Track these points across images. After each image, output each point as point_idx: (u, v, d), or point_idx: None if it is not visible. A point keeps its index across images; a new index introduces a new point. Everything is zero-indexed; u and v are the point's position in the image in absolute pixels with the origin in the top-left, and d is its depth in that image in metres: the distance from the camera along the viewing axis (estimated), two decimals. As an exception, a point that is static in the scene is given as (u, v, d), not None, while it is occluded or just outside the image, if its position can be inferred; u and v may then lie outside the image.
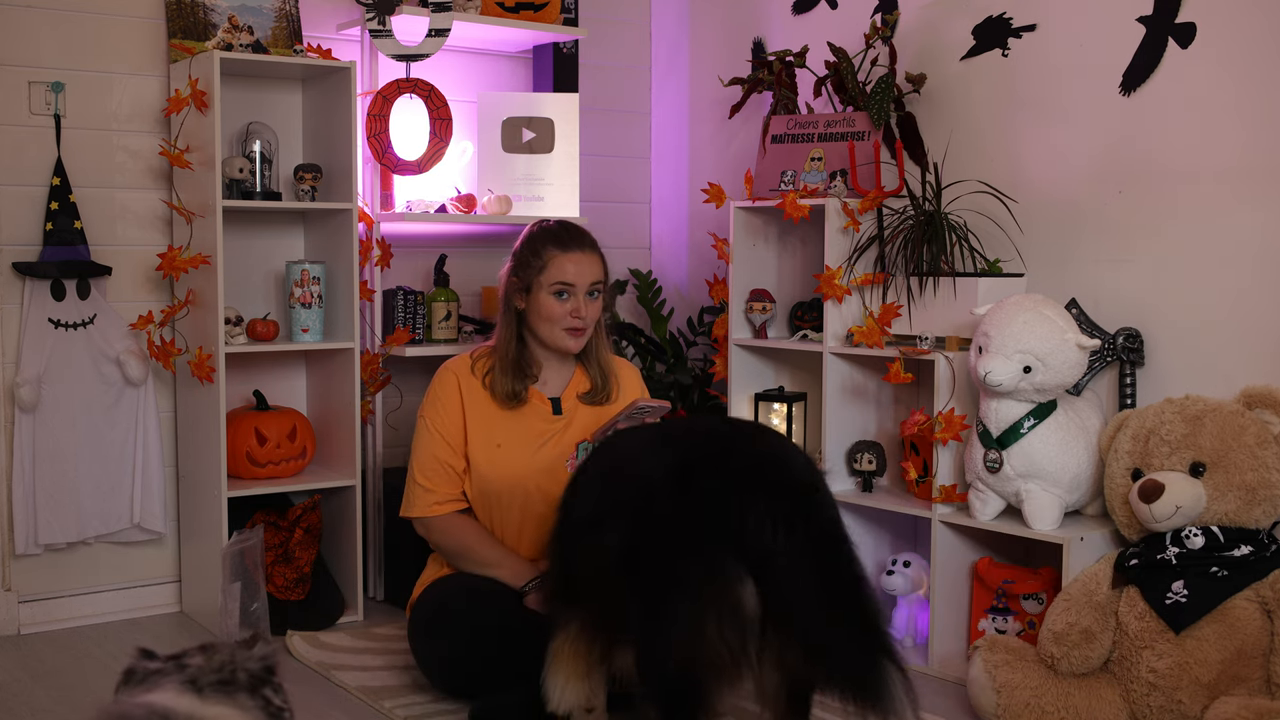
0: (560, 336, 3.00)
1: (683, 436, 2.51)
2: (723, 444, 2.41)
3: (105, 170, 3.58)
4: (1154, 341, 3.15)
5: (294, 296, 3.59)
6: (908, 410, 3.48)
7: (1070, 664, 2.76)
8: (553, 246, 3.00)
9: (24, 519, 3.47)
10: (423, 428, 3.04)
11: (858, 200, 3.40)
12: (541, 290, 2.98)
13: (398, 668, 3.17)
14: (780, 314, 3.76)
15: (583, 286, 2.98)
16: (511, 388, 3.01)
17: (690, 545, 2.25)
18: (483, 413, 3.03)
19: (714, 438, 2.46)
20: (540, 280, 2.98)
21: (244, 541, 3.00)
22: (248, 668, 1.78)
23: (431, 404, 3.05)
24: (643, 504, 2.35)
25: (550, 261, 2.98)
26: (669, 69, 4.53)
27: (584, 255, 3.00)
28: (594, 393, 3.09)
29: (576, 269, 2.98)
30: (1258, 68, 2.94)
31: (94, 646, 3.39)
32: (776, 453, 2.41)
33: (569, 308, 2.98)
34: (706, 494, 2.29)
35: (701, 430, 2.55)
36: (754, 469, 2.33)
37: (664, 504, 2.31)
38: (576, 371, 3.11)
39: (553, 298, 2.98)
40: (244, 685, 1.77)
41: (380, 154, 3.75)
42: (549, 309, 2.98)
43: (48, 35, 3.49)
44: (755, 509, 2.24)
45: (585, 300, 2.99)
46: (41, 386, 3.47)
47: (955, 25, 3.55)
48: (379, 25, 3.71)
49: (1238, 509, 2.78)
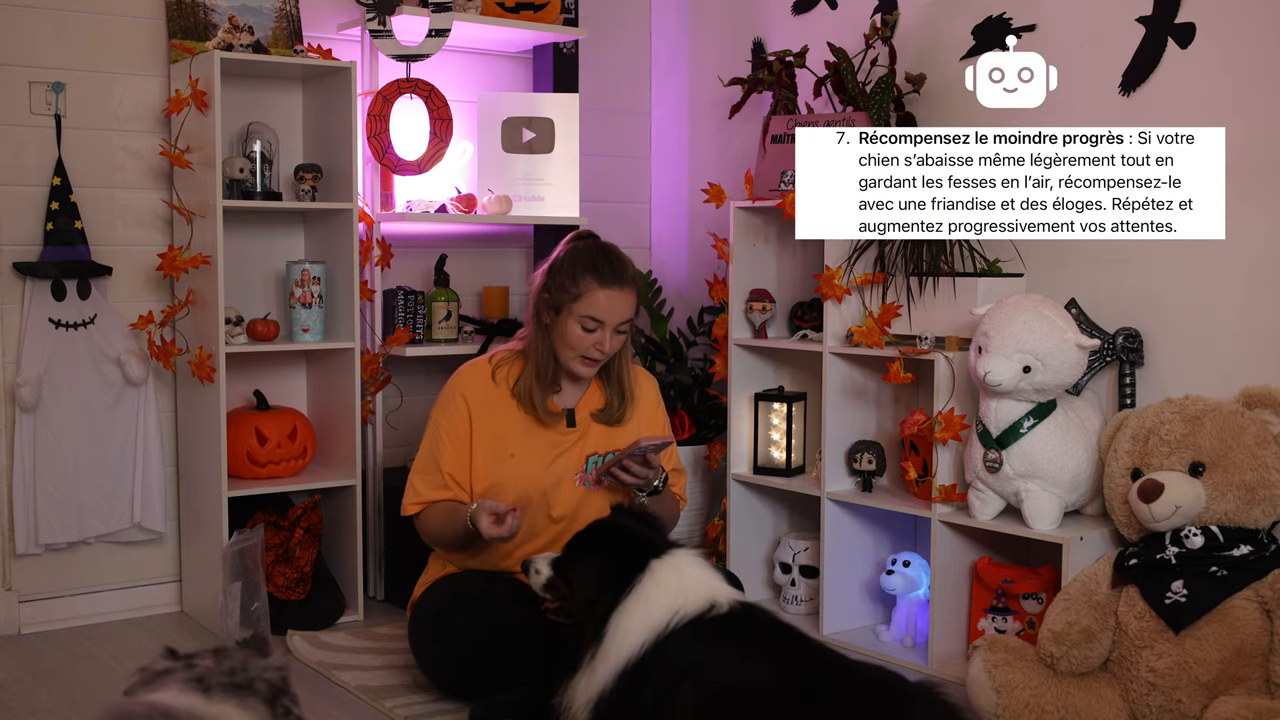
0: (575, 363, 2.95)
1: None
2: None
3: (105, 170, 3.58)
4: (1154, 341, 3.15)
5: (294, 296, 3.59)
6: (908, 410, 3.48)
7: (1070, 664, 2.76)
8: (592, 279, 2.89)
9: (24, 519, 3.47)
10: (429, 427, 3.04)
11: (858, 200, 3.40)
12: (571, 317, 2.91)
13: (398, 668, 3.17)
14: (780, 314, 3.76)
15: (612, 324, 2.92)
16: (540, 396, 2.97)
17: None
18: (498, 422, 2.99)
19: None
20: (572, 308, 2.90)
21: (244, 541, 3.00)
22: (266, 677, 1.79)
23: (441, 408, 3.04)
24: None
25: (586, 294, 2.89)
26: (669, 69, 4.54)
27: (621, 294, 2.91)
28: (608, 411, 3.05)
29: (610, 306, 2.90)
30: (1258, 68, 2.95)
31: (94, 646, 3.39)
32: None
33: (593, 341, 2.92)
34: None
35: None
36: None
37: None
38: (593, 386, 3.07)
39: (580, 329, 2.91)
40: (262, 694, 1.77)
41: (380, 154, 3.75)
42: (574, 337, 2.92)
43: (48, 35, 3.49)
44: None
45: (611, 335, 2.93)
46: (42, 386, 3.47)
47: (955, 25, 3.55)
48: (379, 25, 3.71)
49: (1237, 509, 2.78)
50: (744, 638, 2.43)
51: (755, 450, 3.70)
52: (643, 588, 2.46)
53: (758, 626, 2.46)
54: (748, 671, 2.34)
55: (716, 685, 2.33)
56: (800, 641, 2.45)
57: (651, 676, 2.37)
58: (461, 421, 2.99)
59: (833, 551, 3.48)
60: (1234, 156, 2.91)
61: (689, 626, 2.41)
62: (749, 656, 2.37)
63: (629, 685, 2.39)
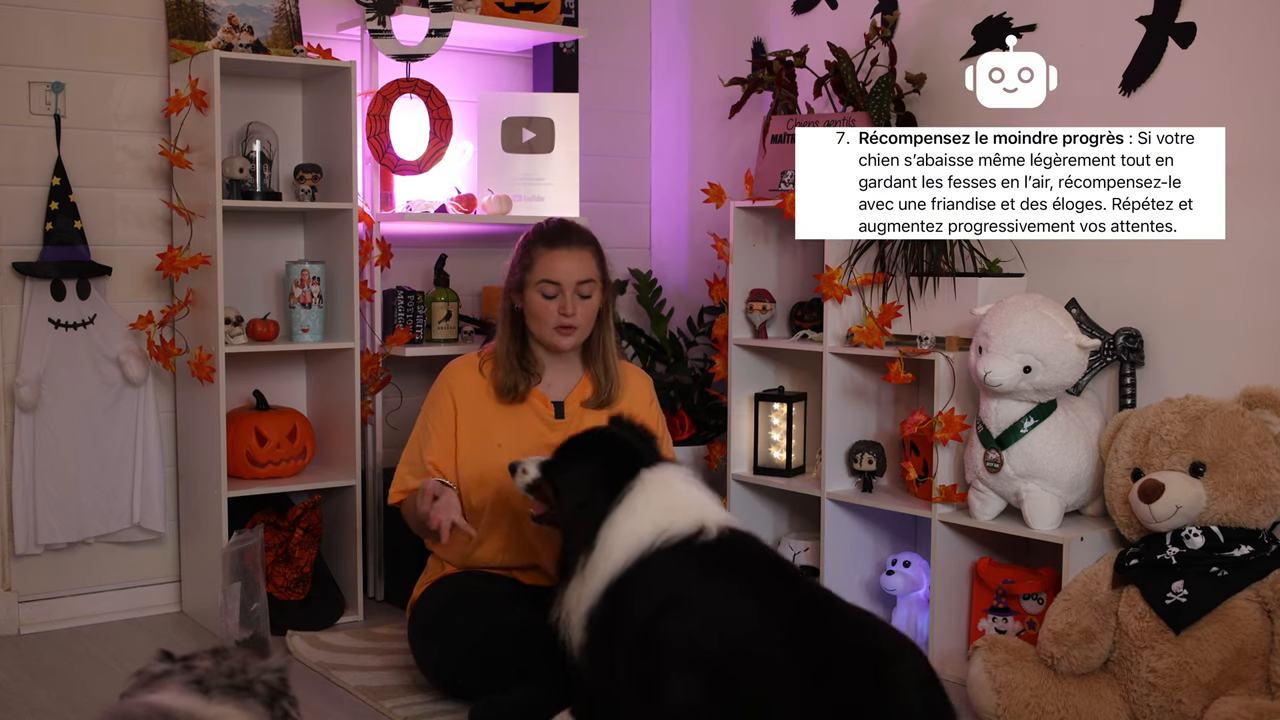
0: (550, 335, 2.99)
1: (807, 639, 2.31)
2: (858, 656, 2.27)
3: (105, 170, 3.58)
4: (1154, 341, 3.15)
5: (294, 296, 3.59)
6: (908, 410, 3.47)
7: (1070, 664, 2.76)
8: (541, 245, 3.00)
9: (24, 519, 3.47)
10: (418, 420, 3.09)
11: (858, 200, 3.40)
12: (531, 288, 2.98)
13: (398, 668, 3.17)
14: (780, 314, 3.76)
15: (569, 285, 2.97)
16: (511, 382, 3.02)
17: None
18: (482, 412, 3.03)
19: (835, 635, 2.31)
20: (529, 278, 2.99)
21: (244, 541, 2.99)
22: (265, 679, 1.79)
23: (429, 401, 3.09)
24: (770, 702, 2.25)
25: (537, 260, 2.98)
26: (669, 69, 4.53)
27: (570, 253, 2.99)
28: (598, 396, 3.08)
29: (563, 267, 2.97)
30: (1257, 68, 2.94)
31: (94, 646, 3.39)
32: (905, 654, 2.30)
33: (557, 305, 2.97)
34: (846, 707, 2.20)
35: (822, 626, 2.34)
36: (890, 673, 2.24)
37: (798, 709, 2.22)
38: (583, 377, 3.09)
39: (540, 296, 2.97)
40: (261, 696, 1.77)
41: (380, 154, 3.75)
42: (538, 307, 2.98)
43: (48, 35, 3.49)
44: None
45: (574, 299, 2.97)
46: (41, 386, 3.47)
47: (955, 25, 3.55)
48: (379, 25, 3.71)
49: (1238, 509, 2.78)
50: (731, 570, 2.43)
51: (755, 450, 3.70)
52: (632, 500, 2.47)
53: (746, 557, 2.48)
54: (734, 610, 2.35)
55: (701, 623, 2.34)
56: (787, 576, 2.47)
57: (635, 598, 2.39)
58: (447, 412, 3.03)
59: (833, 552, 3.48)
60: (1234, 156, 2.91)
61: (675, 550, 2.42)
62: (735, 593, 2.38)
63: (615, 602, 2.41)
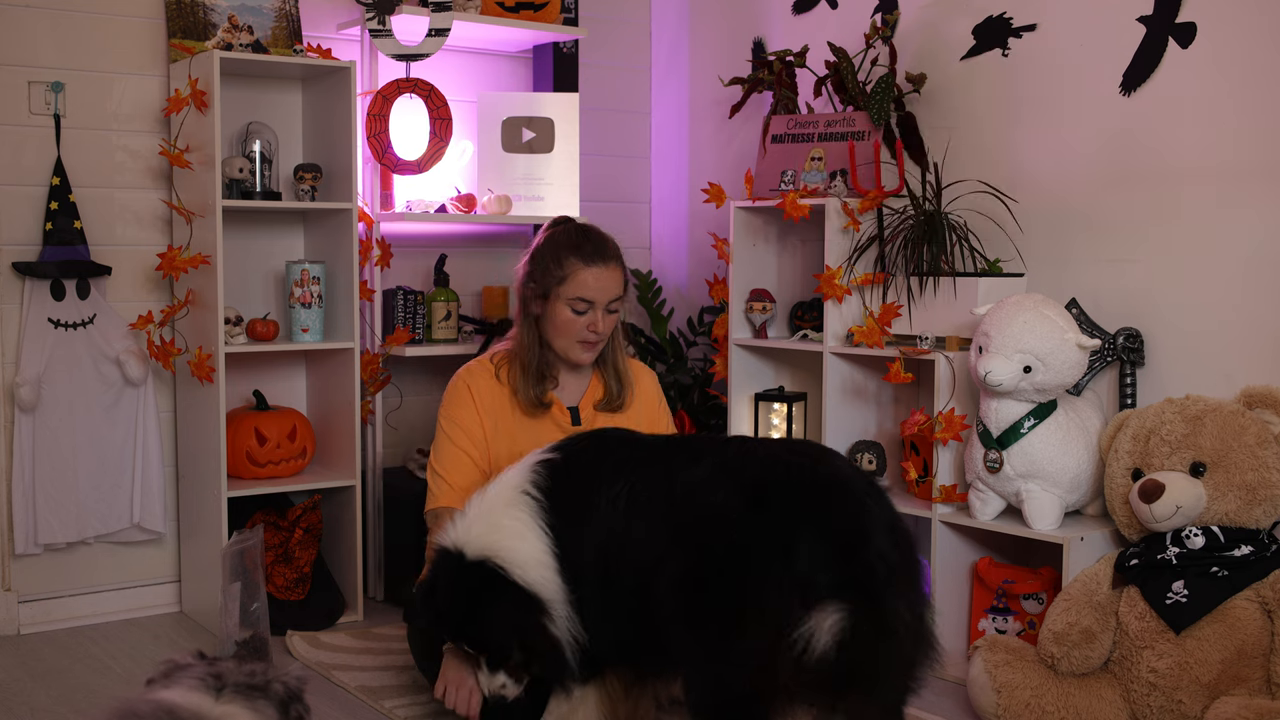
0: (573, 349, 2.90)
1: (747, 467, 2.36)
2: (793, 471, 2.32)
3: (105, 170, 3.58)
4: (1154, 341, 3.15)
5: (294, 296, 3.59)
6: (908, 410, 3.48)
7: (1070, 664, 2.76)
8: (575, 258, 2.84)
9: (24, 519, 3.47)
10: (440, 428, 2.95)
11: (858, 200, 3.40)
12: (559, 301, 2.86)
13: (398, 668, 3.17)
14: (780, 314, 3.76)
15: (602, 302, 2.86)
16: (539, 394, 2.92)
17: (767, 575, 2.16)
18: (507, 424, 2.94)
19: (782, 465, 2.35)
20: (559, 291, 2.85)
21: (244, 541, 2.99)
22: (284, 680, 1.79)
23: (447, 405, 2.95)
24: (713, 532, 2.26)
25: (572, 275, 2.83)
26: (669, 69, 4.53)
27: (607, 270, 2.86)
28: (609, 400, 3.01)
29: (598, 285, 2.83)
30: (1257, 68, 2.94)
31: (93, 647, 3.39)
32: (845, 478, 2.31)
33: (585, 322, 2.86)
34: (782, 522, 2.20)
35: (765, 455, 2.41)
36: (823, 494, 2.25)
37: (739, 533, 2.22)
38: (593, 379, 3.02)
39: (570, 311, 2.86)
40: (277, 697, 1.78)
41: (380, 154, 3.75)
42: (565, 322, 2.86)
43: (48, 35, 3.49)
44: (849, 540, 2.17)
45: (603, 315, 2.87)
46: (41, 386, 3.47)
47: (955, 25, 3.55)
48: (379, 25, 3.71)
49: (1238, 509, 2.78)
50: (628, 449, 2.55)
51: (755, 450, 3.70)
52: (509, 580, 2.44)
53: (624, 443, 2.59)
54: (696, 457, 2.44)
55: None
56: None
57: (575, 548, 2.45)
58: (475, 428, 2.91)
59: (833, 552, 3.48)
60: (1234, 156, 2.91)
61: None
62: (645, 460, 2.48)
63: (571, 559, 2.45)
